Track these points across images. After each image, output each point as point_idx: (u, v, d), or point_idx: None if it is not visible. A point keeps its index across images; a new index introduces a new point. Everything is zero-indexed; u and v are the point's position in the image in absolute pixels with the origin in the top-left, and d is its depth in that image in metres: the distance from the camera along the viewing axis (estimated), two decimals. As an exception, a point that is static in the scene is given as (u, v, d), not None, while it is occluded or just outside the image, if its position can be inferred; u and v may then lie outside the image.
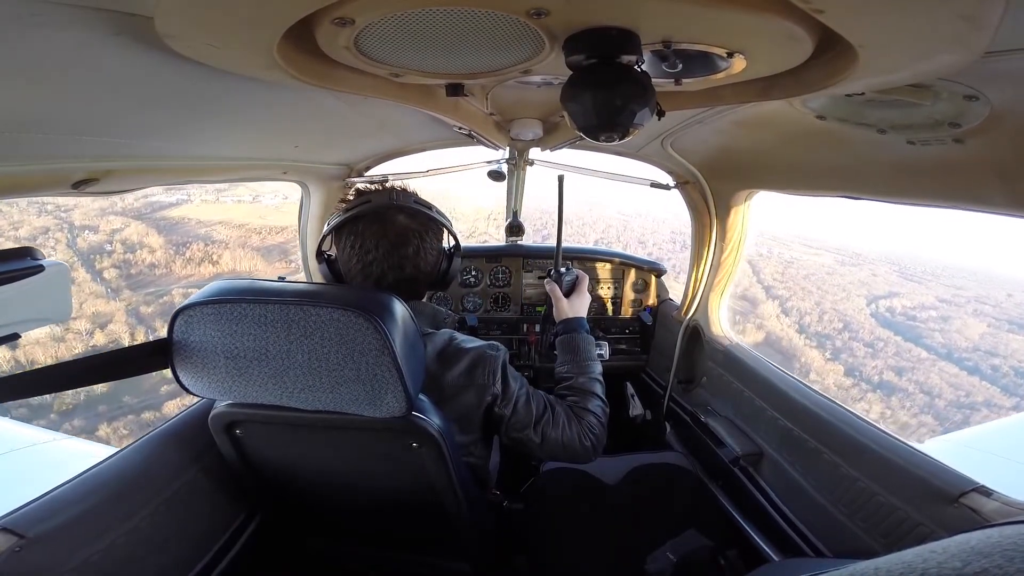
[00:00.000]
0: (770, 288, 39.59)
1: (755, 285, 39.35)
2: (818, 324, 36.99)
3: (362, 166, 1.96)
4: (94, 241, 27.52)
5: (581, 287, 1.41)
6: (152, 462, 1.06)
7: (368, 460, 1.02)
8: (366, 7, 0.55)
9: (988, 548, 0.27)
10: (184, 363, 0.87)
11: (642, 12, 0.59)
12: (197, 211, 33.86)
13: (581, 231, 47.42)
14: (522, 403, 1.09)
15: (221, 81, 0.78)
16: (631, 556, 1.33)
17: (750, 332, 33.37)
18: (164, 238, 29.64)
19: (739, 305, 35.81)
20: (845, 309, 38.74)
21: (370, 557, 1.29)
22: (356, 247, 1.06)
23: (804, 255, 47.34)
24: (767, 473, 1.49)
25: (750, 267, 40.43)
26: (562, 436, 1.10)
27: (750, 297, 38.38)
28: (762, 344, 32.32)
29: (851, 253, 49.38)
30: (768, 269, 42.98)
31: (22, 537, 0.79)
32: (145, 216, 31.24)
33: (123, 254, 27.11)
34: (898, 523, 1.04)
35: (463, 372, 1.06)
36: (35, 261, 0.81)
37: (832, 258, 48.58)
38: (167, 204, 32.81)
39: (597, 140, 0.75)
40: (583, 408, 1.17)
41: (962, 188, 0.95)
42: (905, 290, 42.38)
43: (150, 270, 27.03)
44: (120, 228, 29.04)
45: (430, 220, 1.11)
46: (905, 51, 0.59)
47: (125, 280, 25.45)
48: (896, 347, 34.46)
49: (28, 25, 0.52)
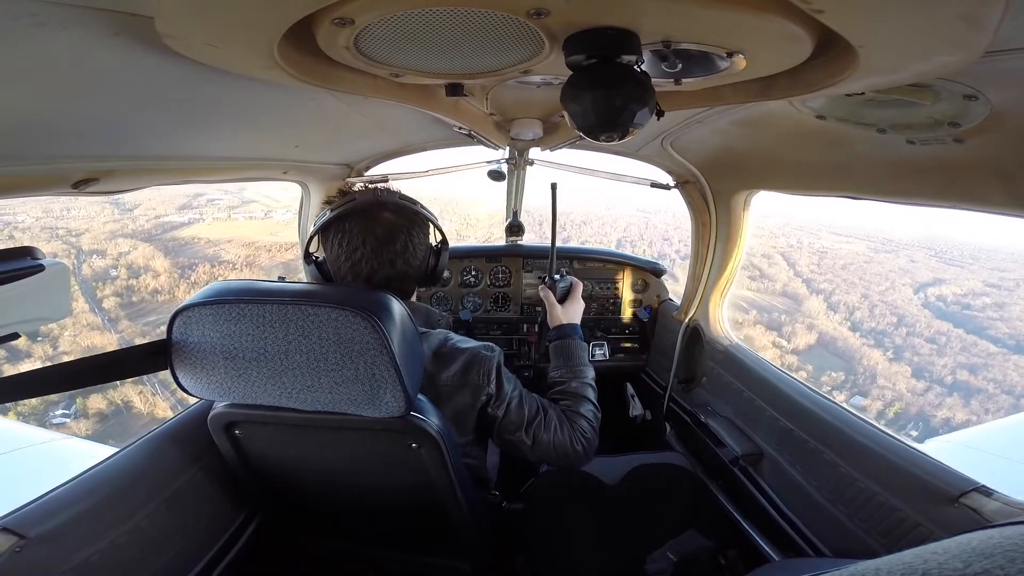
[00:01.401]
0: (810, 281, 36.68)
1: (794, 279, 36.77)
2: (870, 319, 33.17)
3: (362, 166, 1.96)
4: (99, 267, 26.54)
5: (575, 294, 1.42)
6: (152, 462, 1.06)
7: (367, 460, 1.01)
8: (366, 7, 0.55)
9: (989, 549, 0.27)
10: (183, 364, 0.86)
11: (642, 12, 0.59)
12: (208, 230, 32.64)
13: (602, 230, 44.91)
14: (515, 405, 1.10)
15: (221, 81, 0.78)
16: (631, 556, 1.33)
17: (801, 334, 31.15)
18: (171, 260, 28.40)
19: (781, 303, 34.00)
20: (894, 300, 35.05)
21: (370, 557, 1.29)
22: (344, 245, 1.05)
23: (835, 244, 44.14)
24: (767, 473, 1.49)
25: (784, 260, 38.38)
26: (553, 439, 1.11)
27: (791, 293, 35.22)
28: (816, 346, 30.34)
29: (882, 239, 45.91)
30: (803, 261, 39.88)
31: (22, 537, 0.79)
32: (155, 238, 30.28)
33: (127, 280, 25.97)
34: (898, 523, 1.04)
35: (458, 372, 1.06)
36: (35, 261, 0.81)
37: (864, 245, 44.93)
38: (178, 224, 31.86)
39: (597, 140, 0.75)
40: (575, 412, 1.17)
41: (962, 188, 0.95)
42: (949, 276, 38.66)
43: (152, 296, 25.70)
44: (127, 251, 28.04)
45: (415, 215, 1.11)
46: (905, 51, 0.59)
47: (125, 309, 24.17)
48: (960, 341, 30.72)
49: (28, 25, 0.52)
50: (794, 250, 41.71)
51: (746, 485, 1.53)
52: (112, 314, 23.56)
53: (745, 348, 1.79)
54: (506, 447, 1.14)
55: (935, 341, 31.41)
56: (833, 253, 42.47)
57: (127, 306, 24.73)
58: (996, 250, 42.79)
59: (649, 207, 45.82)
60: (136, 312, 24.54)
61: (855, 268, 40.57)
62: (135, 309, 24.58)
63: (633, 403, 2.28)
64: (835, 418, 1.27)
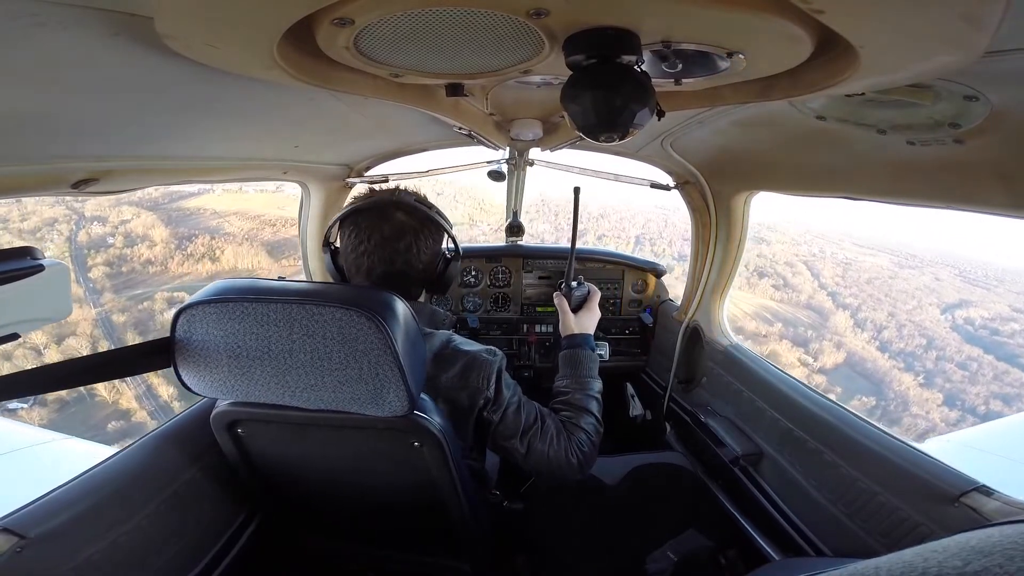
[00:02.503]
0: (836, 294, 35.77)
1: (819, 291, 35.62)
2: (899, 340, 32.32)
3: (362, 166, 1.95)
4: (98, 233, 25.45)
5: (592, 303, 1.38)
6: (153, 462, 1.07)
7: (370, 459, 1.01)
8: (366, 7, 0.55)
9: (988, 547, 0.27)
10: (186, 362, 0.87)
11: (642, 12, 0.59)
12: (217, 201, 31.43)
13: (620, 225, 43.30)
14: (512, 411, 1.09)
15: (221, 81, 0.78)
16: (631, 556, 1.33)
17: (828, 352, 29.53)
18: (171, 230, 27.27)
19: (806, 316, 33.19)
20: (922, 320, 34.68)
21: (370, 557, 1.29)
22: (352, 238, 1.09)
23: (859, 256, 42.89)
24: (767, 473, 1.49)
25: (807, 269, 36.99)
26: (548, 449, 1.09)
27: (816, 306, 34.13)
28: (843, 366, 29.03)
29: (906, 254, 44.31)
30: (827, 272, 38.92)
31: (23, 537, 0.79)
32: (160, 206, 29.04)
33: (121, 248, 24.83)
34: (898, 523, 1.04)
35: (458, 374, 1.06)
36: (35, 261, 0.81)
37: (888, 259, 43.46)
38: (187, 194, 30.33)
39: (597, 140, 0.75)
40: (575, 425, 1.15)
41: (962, 188, 0.95)
42: (975, 297, 37.57)
43: (143, 267, 24.61)
44: (129, 219, 26.84)
45: (428, 219, 1.12)
46: (905, 51, 0.59)
47: (112, 279, 22.92)
48: (992, 369, 29.95)
49: (28, 25, 0.52)
50: (817, 260, 40.20)
51: (746, 485, 1.53)
52: (98, 284, 22.42)
53: (745, 348, 1.79)
54: (502, 453, 1.13)
55: (967, 367, 30.18)
56: (857, 265, 41.01)
57: (115, 276, 23.62)
58: (1020, 272, 41.40)
59: (668, 205, 43.74)
60: (124, 283, 23.43)
61: (880, 283, 39.18)
62: (123, 280, 23.51)
63: (633, 403, 2.28)
64: (835, 418, 1.27)
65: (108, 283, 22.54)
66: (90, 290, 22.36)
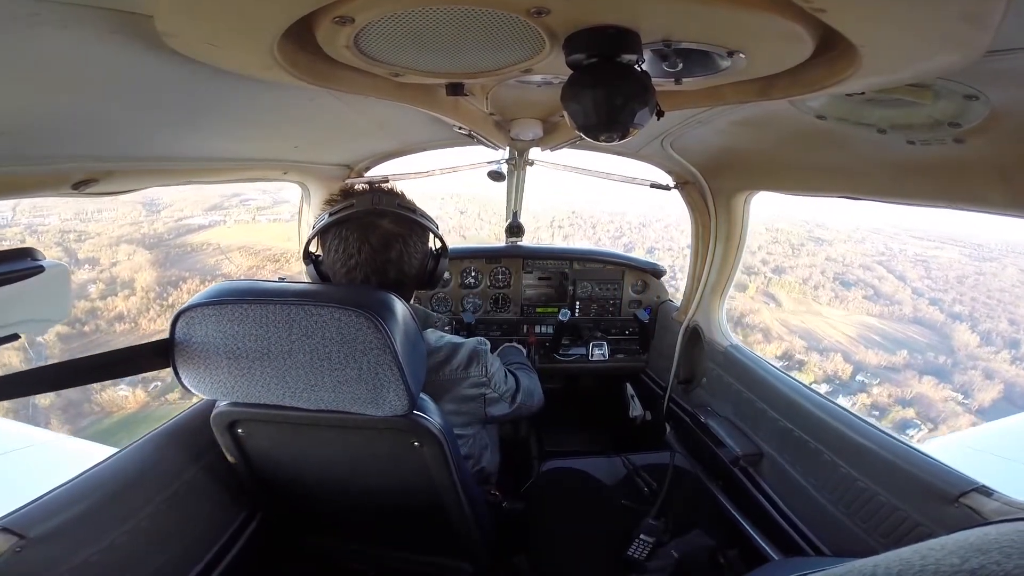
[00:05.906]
0: (938, 302, 27.90)
1: (915, 298, 28.16)
2: None
3: (362, 166, 1.96)
4: (80, 280, 21.07)
5: None
6: (153, 461, 1.06)
7: (370, 459, 1.02)
8: (366, 6, 0.55)
9: (985, 545, 0.27)
10: (186, 363, 0.87)
11: (642, 11, 0.59)
12: (226, 234, 28.61)
13: (667, 234, 36.66)
14: (500, 377, 1.25)
15: (221, 81, 0.78)
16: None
17: (978, 385, 21.55)
18: (158, 274, 23.53)
19: (919, 334, 25.44)
20: None
21: (370, 556, 1.29)
22: (340, 251, 1.06)
23: (926, 250, 34.91)
24: (767, 473, 1.49)
25: (887, 271, 30.44)
26: (529, 383, 1.33)
27: (926, 320, 26.13)
28: (1001, 401, 20.82)
29: (973, 244, 35.59)
30: (910, 273, 31.26)
31: (22, 537, 0.79)
32: (164, 243, 26.13)
33: (95, 301, 20.22)
34: (898, 523, 1.04)
35: (461, 366, 1.12)
36: (35, 262, 0.81)
37: (957, 251, 35.20)
38: (196, 227, 28.09)
39: (597, 140, 0.75)
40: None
41: (962, 188, 0.95)
42: None
43: (110, 326, 19.68)
44: (122, 260, 23.50)
45: (413, 223, 1.11)
46: (906, 51, 0.59)
47: (66, 342, 16.74)
48: None
49: (28, 25, 0.52)
50: (889, 259, 33.36)
51: (746, 485, 1.53)
52: (50, 350, 15.73)
53: (744, 348, 1.79)
54: (499, 414, 1.26)
55: None
56: (936, 262, 33.83)
57: (73, 337, 18.01)
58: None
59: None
60: (85, 345, 17.62)
61: (970, 282, 31.60)
62: (80, 343, 17.96)
63: (633, 404, 2.28)
64: (835, 418, 1.27)
65: (58, 348, 16.24)
66: (33, 359, 14.47)
